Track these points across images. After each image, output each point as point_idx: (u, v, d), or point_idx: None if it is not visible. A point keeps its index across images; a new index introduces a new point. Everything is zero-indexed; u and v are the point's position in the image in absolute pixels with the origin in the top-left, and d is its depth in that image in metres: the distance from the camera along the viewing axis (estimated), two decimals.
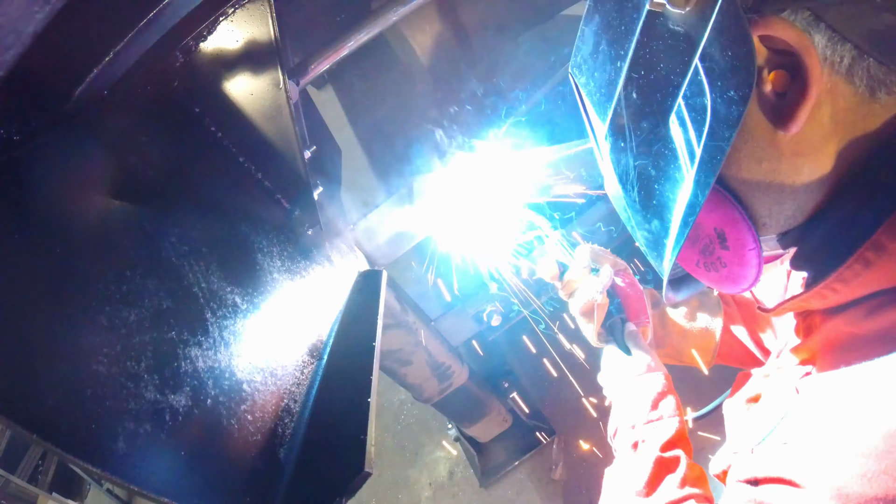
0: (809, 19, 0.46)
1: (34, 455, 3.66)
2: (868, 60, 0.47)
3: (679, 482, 0.86)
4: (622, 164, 0.60)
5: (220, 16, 0.79)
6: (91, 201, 0.68)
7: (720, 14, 0.44)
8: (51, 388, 0.49)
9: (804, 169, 0.53)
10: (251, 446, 0.71)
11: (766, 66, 0.49)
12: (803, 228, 0.59)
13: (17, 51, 0.50)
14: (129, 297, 0.63)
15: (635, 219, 0.63)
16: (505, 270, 1.58)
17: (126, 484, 0.51)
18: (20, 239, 0.54)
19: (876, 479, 0.46)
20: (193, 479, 0.62)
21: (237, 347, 0.76)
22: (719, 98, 0.46)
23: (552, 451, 2.66)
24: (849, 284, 0.55)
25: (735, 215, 0.58)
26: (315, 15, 1.56)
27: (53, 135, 0.62)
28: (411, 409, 3.25)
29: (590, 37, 0.60)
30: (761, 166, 0.54)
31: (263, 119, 0.95)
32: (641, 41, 0.52)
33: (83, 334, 0.55)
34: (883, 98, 0.48)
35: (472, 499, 2.80)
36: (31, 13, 0.50)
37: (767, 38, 0.48)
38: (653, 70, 0.52)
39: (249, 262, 0.91)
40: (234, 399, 0.71)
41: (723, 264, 0.63)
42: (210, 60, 0.82)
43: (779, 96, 0.50)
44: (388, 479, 3.05)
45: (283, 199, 1.11)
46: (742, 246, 0.59)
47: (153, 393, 0.59)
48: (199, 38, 0.78)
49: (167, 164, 0.82)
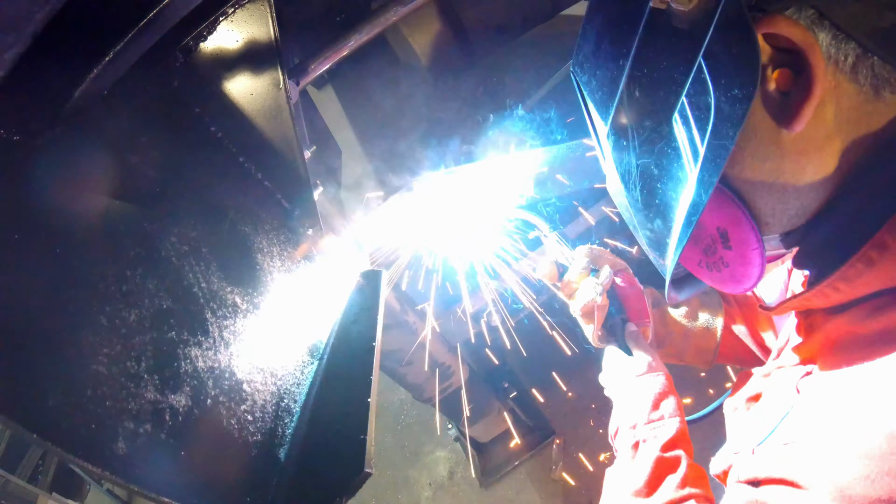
0: (813, 17, 0.46)
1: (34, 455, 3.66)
2: (872, 59, 0.47)
3: (680, 482, 0.86)
4: (624, 162, 0.60)
5: (220, 16, 0.79)
6: (91, 201, 0.68)
7: (724, 12, 0.44)
8: (51, 388, 0.49)
9: (808, 168, 0.53)
10: (251, 446, 0.70)
11: (770, 64, 0.49)
12: (806, 227, 0.59)
13: (17, 51, 0.50)
14: (129, 297, 0.62)
15: (637, 218, 0.63)
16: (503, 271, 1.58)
17: (126, 484, 0.51)
18: (20, 239, 0.54)
19: (879, 480, 0.46)
20: (193, 479, 0.61)
21: (237, 347, 0.76)
22: (723, 96, 0.46)
23: (552, 451, 2.66)
24: (851, 283, 0.55)
25: (738, 215, 0.58)
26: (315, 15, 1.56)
27: (53, 135, 0.62)
28: (411, 409, 3.25)
29: (592, 35, 0.60)
30: (765, 165, 0.54)
31: (263, 119, 0.95)
32: (644, 39, 0.52)
33: (83, 334, 0.55)
34: (887, 96, 0.48)
35: (472, 499, 2.80)
36: (31, 13, 0.50)
37: (771, 36, 0.47)
38: (656, 68, 0.52)
39: (249, 262, 0.91)
40: (234, 399, 0.71)
41: (725, 264, 0.62)
42: (210, 60, 0.82)
43: (783, 95, 0.49)
44: (388, 479, 3.04)
45: (283, 199, 1.11)
46: (745, 246, 0.59)
47: (153, 393, 0.59)
48: (199, 38, 0.78)
49: (167, 164, 0.82)
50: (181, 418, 0.61)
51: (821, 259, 0.60)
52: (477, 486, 2.77)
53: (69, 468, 3.54)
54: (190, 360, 0.66)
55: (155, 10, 0.67)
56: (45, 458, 3.66)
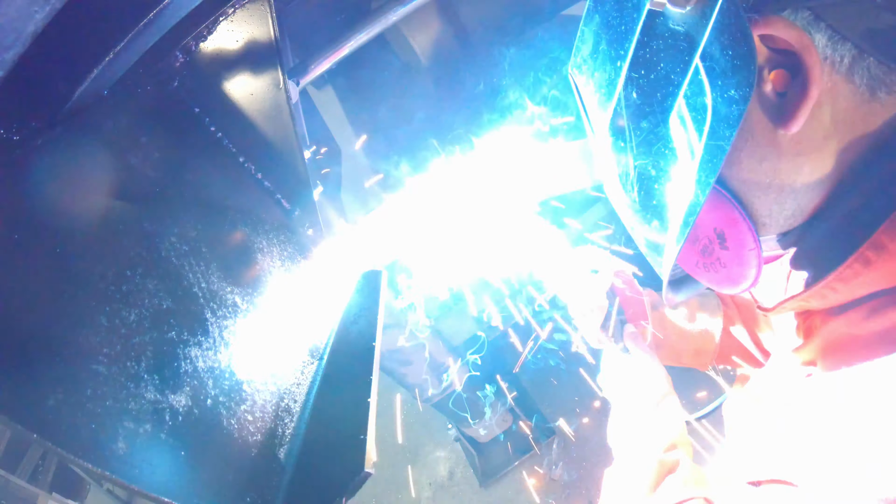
0: (810, 19, 0.46)
1: (34, 455, 3.65)
2: (868, 60, 0.47)
3: (680, 483, 0.86)
4: (622, 164, 0.60)
5: (220, 16, 0.79)
6: (91, 201, 0.68)
7: (721, 13, 0.44)
8: (51, 388, 0.49)
9: (804, 168, 0.53)
10: (251, 446, 0.71)
11: (767, 65, 0.49)
12: (803, 228, 0.59)
13: (17, 51, 0.50)
14: (129, 297, 0.63)
15: (635, 219, 0.63)
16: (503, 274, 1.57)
17: (126, 484, 0.51)
18: (20, 239, 0.54)
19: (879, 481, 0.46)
20: (193, 479, 0.62)
21: (237, 347, 0.76)
22: (720, 97, 0.46)
23: (552, 451, 2.66)
24: (848, 284, 0.55)
25: (735, 215, 0.58)
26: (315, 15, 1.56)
27: (53, 135, 0.62)
28: (411, 409, 3.25)
29: (589, 37, 0.60)
30: (762, 166, 0.54)
31: (263, 119, 0.95)
32: (642, 41, 0.52)
33: (83, 334, 0.55)
34: (883, 97, 0.48)
35: (472, 499, 2.80)
36: (31, 13, 0.50)
37: (768, 37, 0.48)
38: (653, 70, 0.52)
39: (249, 262, 0.91)
40: (234, 399, 0.71)
41: (722, 265, 0.63)
42: (210, 60, 0.82)
43: (779, 96, 0.50)
44: (388, 479, 3.04)
45: (283, 199, 1.11)
46: (742, 246, 0.59)
47: (153, 393, 0.59)
48: (199, 38, 0.78)
49: (167, 164, 0.82)
50: (181, 418, 0.61)
51: (818, 260, 0.60)
52: (477, 486, 2.77)
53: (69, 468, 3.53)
54: (190, 360, 0.67)
55: (155, 10, 0.67)
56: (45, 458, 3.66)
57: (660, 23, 0.50)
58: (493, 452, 2.74)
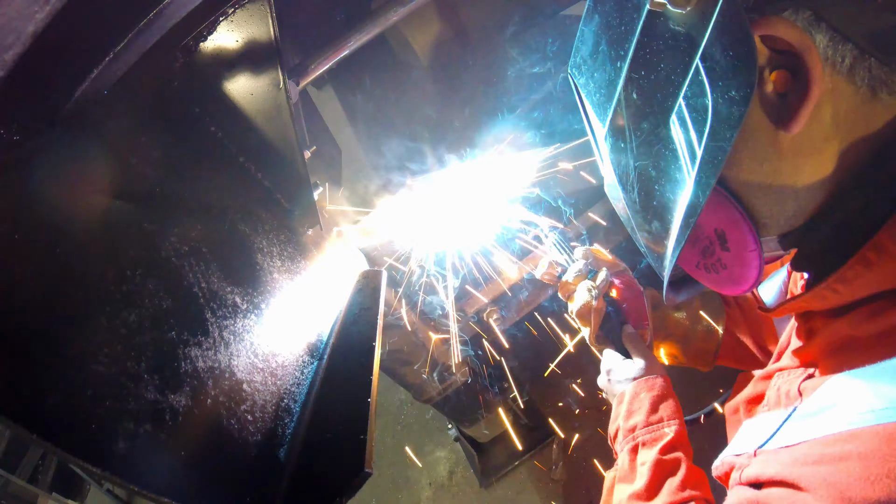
0: (811, 19, 0.46)
1: (34, 455, 3.66)
2: (869, 60, 0.47)
3: (679, 485, 0.86)
4: (622, 164, 0.60)
5: (220, 16, 0.78)
6: (91, 201, 0.68)
7: (721, 14, 0.44)
8: (51, 388, 0.49)
9: (805, 169, 0.53)
10: (251, 446, 0.71)
11: (768, 66, 0.49)
12: (804, 229, 0.59)
13: (17, 51, 0.50)
14: (129, 297, 0.62)
15: (635, 220, 0.63)
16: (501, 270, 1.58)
17: (126, 484, 0.51)
18: (20, 239, 0.54)
19: (879, 482, 0.46)
20: (193, 479, 0.61)
21: (237, 347, 0.76)
22: (720, 98, 0.46)
23: (552, 451, 2.66)
24: (849, 285, 0.55)
25: (736, 216, 0.58)
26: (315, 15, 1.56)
27: (53, 135, 0.62)
28: (411, 409, 3.25)
29: (589, 37, 0.60)
30: (762, 167, 0.54)
31: (263, 119, 0.95)
32: (642, 41, 0.52)
33: (83, 334, 0.55)
34: (885, 98, 0.48)
35: (472, 499, 2.80)
36: (31, 13, 0.50)
37: (769, 37, 0.47)
38: (653, 70, 0.52)
39: (249, 262, 0.91)
40: (234, 399, 0.71)
41: (723, 266, 0.62)
42: (210, 60, 0.82)
43: (780, 96, 0.50)
44: (388, 479, 3.05)
45: (283, 199, 1.11)
46: (743, 247, 0.59)
47: (153, 393, 0.59)
48: (199, 38, 0.78)
49: (167, 164, 0.82)
50: (181, 418, 0.61)
51: (819, 261, 0.60)
52: (477, 486, 2.77)
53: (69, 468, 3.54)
54: (190, 360, 0.67)
55: (155, 10, 0.67)
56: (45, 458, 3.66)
57: (660, 23, 0.50)
58: (493, 452, 2.74)
